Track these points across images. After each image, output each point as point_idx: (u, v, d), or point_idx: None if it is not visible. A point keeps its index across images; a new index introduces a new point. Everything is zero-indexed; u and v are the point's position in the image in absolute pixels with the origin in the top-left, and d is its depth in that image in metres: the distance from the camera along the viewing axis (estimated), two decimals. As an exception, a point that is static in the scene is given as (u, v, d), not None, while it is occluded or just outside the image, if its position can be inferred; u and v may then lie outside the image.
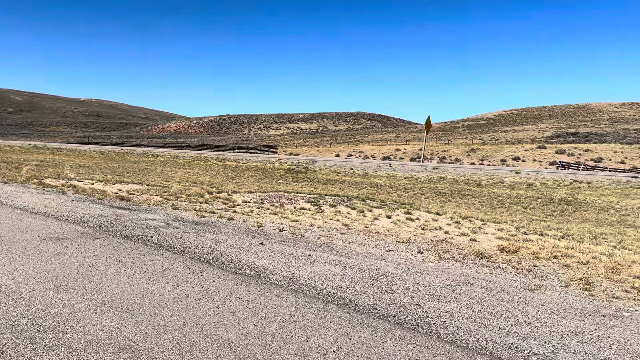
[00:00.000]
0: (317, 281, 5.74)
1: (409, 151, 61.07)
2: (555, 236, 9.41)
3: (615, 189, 20.90)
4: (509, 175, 25.11)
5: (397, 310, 4.87)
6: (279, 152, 66.04)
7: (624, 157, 48.98)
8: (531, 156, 52.15)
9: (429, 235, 8.86)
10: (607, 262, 7.18)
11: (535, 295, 5.51)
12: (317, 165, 30.56)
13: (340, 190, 16.48)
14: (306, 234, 8.50)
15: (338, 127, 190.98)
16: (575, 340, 4.22)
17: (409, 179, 24.41)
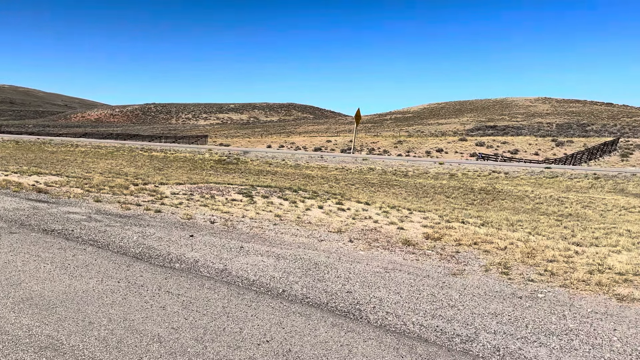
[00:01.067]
0: (250, 272, 5.72)
1: (340, 143, 61.95)
2: (475, 224, 9.94)
3: (530, 178, 22.36)
4: (433, 166, 26.15)
5: (330, 298, 4.96)
6: (208, 143, 64.68)
7: (537, 148, 52.44)
8: (453, 148, 54.57)
9: (360, 224, 9.06)
10: (523, 247, 7.69)
11: (458, 279, 5.81)
12: (248, 156, 30.27)
13: (272, 181, 16.44)
14: (238, 226, 8.43)
15: (269, 118, 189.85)
16: (495, 322, 4.50)
17: (340, 170, 24.79)
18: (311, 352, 3.72)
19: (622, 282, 6.04)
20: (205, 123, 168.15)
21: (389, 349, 3.82)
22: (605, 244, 8.75)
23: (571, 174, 23.20)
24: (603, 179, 21.52)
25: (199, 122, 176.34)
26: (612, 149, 49.17)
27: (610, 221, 13.39)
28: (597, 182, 20.94)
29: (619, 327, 4.43)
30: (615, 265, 6.90)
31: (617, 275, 6.40)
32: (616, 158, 46.42)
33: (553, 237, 8.93)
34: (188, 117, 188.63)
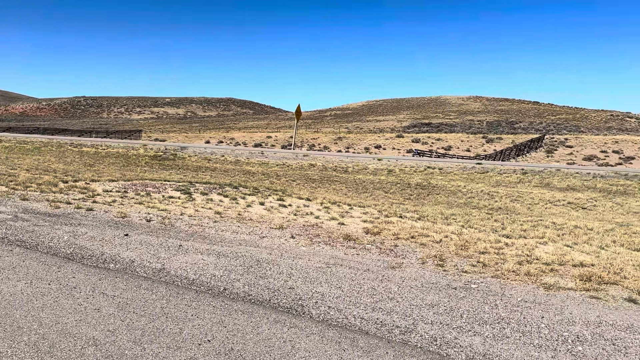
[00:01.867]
0: (190, 271, 5.60)
1: (280, 139, 61.76)
2: (412, 218, 10.24)
3: (463, 174, 23.28)
4: (372, 163, 26.64)
5: (272, 295, 4.95)
6: (143, 138, 62.50)
7: (469, 145, 54.67)
8: (391, 144, 55.87)
9: (301, 220, 9.09)
10: (457, 240, 8.01)
11: (397, 272, 5.97)
12: (186, 151, 29.56)
13: (211, 178, 16.15)
14: (176, 224, 8.22)
15: (208, 113, 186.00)
16: (432, 312, 4.66)
17: (280, 166, 24.73)
18: (254, 349, 3.71)
19: (548, 272, 6.43)
20: (139, 117, 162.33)
21: (331, 343, 3.87)
22: (533, 235, 9.27)
23: (500, 169, 24.37)
24: (530, 174, 22.76)
25: (133, 116, 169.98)
26: (538, 145, 52.10)
27: (537, 214, 14.20)
28: (524, 177, 22.12)
29: (546, 315, 4.72)
30: (542, 256, 7.33)
31: (544, 265, 6.81)
32: (542, 154, 49.20)
33: (484, 230, 9.35)
34: (121, 111, 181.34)
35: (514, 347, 3.93)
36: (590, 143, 51.37)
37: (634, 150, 47.52)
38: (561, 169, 24.81)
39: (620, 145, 49.36)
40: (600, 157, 45.98)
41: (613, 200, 17.08)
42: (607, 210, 15.39)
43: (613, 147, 48.72)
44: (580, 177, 21.62)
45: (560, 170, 23.94)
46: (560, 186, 19.78)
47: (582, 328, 4.37)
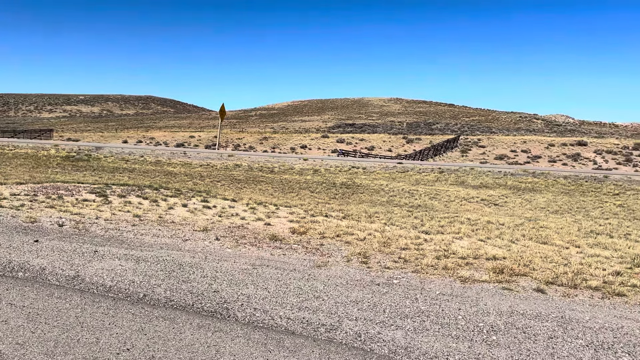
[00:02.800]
0: (107, 278, 5.33)
1: (204, 138, 60.40)
2: (338, 217, 10.39)
3: (385, 173, 23.97)
4: (298, 163, 26.75)
5: (195, 299, 4.83)
6: (54, 138, 58.69)
7: (391, 145, 56.42)
8: (316, 144, 56.43)
9: (226, 222, 8.94)
10: (380, 237, 8.23)
11: (323, 271, 6.03)
12: (102, 152, 28.12)
13: (130, 179, 15.47)
14: (91, 228, 7.80)
15: (125, 112, 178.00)
16: (356, 309, 4.75)
17: (204, 167, 24.18)
18: (176, 356, 3.59)
19: (464, 265, 6.77)
20: (50, 116, 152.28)
21: (257, 345, 3.84)
22: (450, 231, 9.73)
23: (420, 168, 25.35)
24: (446, 173, 23.86)
25: (43, 114, 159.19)
26: (454, 145, 54.76)
27: (454, 211, 14.91)
28: (441, 175, 23.15)
29: (463, 307, 4.96)
30: (458, 251, 7.71)
31: (460, 259, 7.16)
32: (457, 154, 51.75)
33: (406, 227, 9.69)
34: (29, 109, 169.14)
35: (434, 339, 4.10)
36: (501, 143, 54.72)
37: (541, 149, 51.21)
38: (475, 168, 26.22)
39: (528, 145, 52.99)
40: (511, 156, 49.11)
41: (522, 197, 18.30)
42: (516, 206, 16.46)
43: (522, 146, 52.21)
44: (492, 175, 22.97)
45: (473, 169, 25.29)
46: (474, 184, 20.89)
47: (496, 318, 4.64)
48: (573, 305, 5.12)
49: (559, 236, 9.85)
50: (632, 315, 4.90)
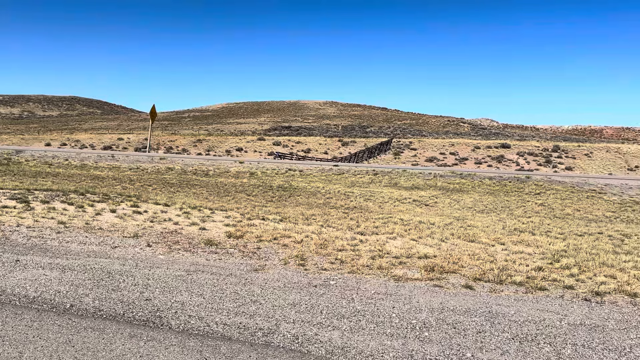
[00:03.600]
0: (30, 289, 5.02)
1: (134, 141, 58.24)
2: (275, 220, 10.36)
3: (321, 175, 24.18)
4: (234, 165, 26.41)
5: (126, 309, 4.65)
6: (-32, 140, 54.44)
7: (327, 148, 56.98)
8: (252, 147, 55.97)
9: (159, 227, 8.68)
10: (317, 239, 8.29)
11: (260, 274, 5.99)
12: (22, 155, 26.43)
13: (54, 184, 14.64)
14: (12, 236, 7.31)
15: (48, 113, 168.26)
16: (294, 311, 4.76)
17: (134, 170, 23.31)
18: (107, 368, 3.44)
19: (398, 265, 6.96)
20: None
21: (192, 353, 3.75)
22: (384, 232, 9.96)
23: (355, 170, 25.78)
24: (380, 175, 24.42)
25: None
26: (387, 148, 56.16)
27: (388, 212, 15.28)
28: (376, 177, 23.66)
29: (397, 305, 5.09)
30: (392, 250, 7.92)
31: (394, 258, 7.35)
32: (390, 156, 53.11)
33: (342, 228, 9.82)
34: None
35: (369, 337, 4.18)
36: (431, 146, 56.74)
37: (468, 151, 53.56)
38: (407, 170, 27.01)
39: (456, 147, 55.26)
40: (440, 158, 51.02)
41: (451, 197, 19.06)
42: (446, 206, 17.12)
43: (450, 149, 54.38)
44: (423, 177, 23.76)
45: (406, 171, 26.05)
46: (406, 185, 21.52)
47: (428, 315, 4.81)
48: (499, 300, 5.40)
49: (485, 234, 10.34)
50: (553, 308, 5.23)
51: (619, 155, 47.97)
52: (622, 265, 7.43)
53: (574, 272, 6.83)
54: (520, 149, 52.53)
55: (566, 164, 46.64)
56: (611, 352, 4.06)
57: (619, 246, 9.46)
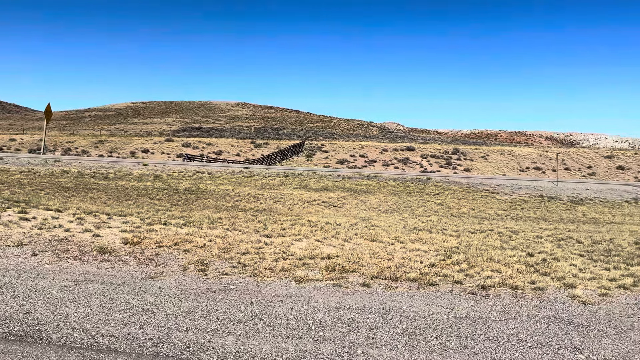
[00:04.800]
0: None
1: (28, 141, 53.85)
2: (178, 224, 10.04)
3: (231, 178, 23.82)
4: (137, 168, 25.27)
5: (2, 323, 4.27)
6: None
7: (239, 150, 56.29)
8: (160, 149, 53.92)
9: (47, 235, 8.07)
10: (221, 243, 8.14)
11: (156, 282, 5.77)
12: None
13: None
14: None
15: None
16: (188, 319, 4.62)
17: (25, 174, 21.53)
18: (-30, 392, 3.13)
19: (300, 266, 7.01)
20: None
21: (73, 369, 3.52)
22: (290, 233, 10.01)
23: (265, 172, 25.69)
24: (291, 177, 24.53)
25: None
26: (300, 150, 56.60)
27: (296, 213, 15.38)
28: (286, 179, 23.73)
29: (296, 306, 5.12)
30: (296, 252, 7.96)
31: (297, 260, 7.40)
32: (303, 158, 53.57)
33: (248, 232, 9.73)
34: None
35: (264, 341, 4.16)
36: (342, 148, 58.01)
37: (376, 154, 55.38)
38: (317, 172, 27.39)
39: (365, 150, 56.95)
40: (350, 160, 52.32)
41: (358, 198, 19.59)
42: (353, 207, 17.56)
43: (360, 151, 55.93)
44: (332, 179, 24.21)
45: (316, 173, 26.41)
46: (316, 187, 21.80)
47: (324, 314, 4.88)
48: (393, 297, 5.61)
49: (387, 233, 10.73)
50: (442, 302, 5.52)
51: (511, 158, 51.96)
52: (508, 260, 8.03)
53: (464, 268, 7.28)
54: (424, 151, 55.23)
55: (465, 165, 49.72)
56: (491, 342, 4.36)
57: (507, 242, 10.22)
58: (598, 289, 6.27)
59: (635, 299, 5.86)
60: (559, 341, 4.41)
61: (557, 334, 4.58)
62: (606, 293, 6.07)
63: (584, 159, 49.40)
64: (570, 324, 4.89)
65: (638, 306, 5.58)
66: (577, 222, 15.72)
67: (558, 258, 8.28)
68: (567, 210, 18.56)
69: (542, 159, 48.92)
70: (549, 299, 5.76)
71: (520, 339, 4.43)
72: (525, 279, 6.63)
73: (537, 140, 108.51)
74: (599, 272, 7.28)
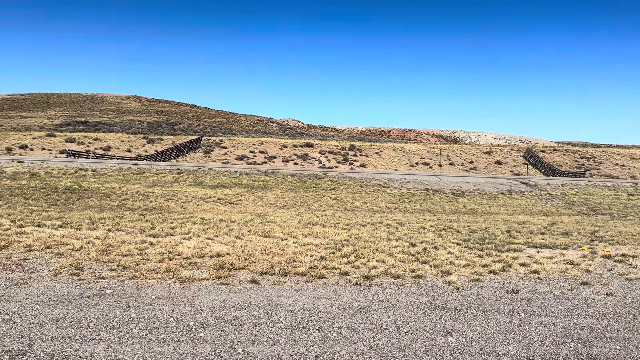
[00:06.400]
0: None
1: None
2: (53, 226, 9.27)
3: (118, 175, 22.50)
4: (11, 165, 22.98)
5: None
6: None
7: (130, 145, 53.37)
8: (40, 144, 49.56)
9: None
10: (100, 245, 7.62)
11: (22, 289, 5.25)
12: None
13: None
14: None
15: None
16: (55, 327, 4.25)
17: None
18: None
19: (187, 266, 6.77)
20: None
21: None
22: (180, 232, 9.64)
23: (157, 169, 24.61)
24: (185, 174, 23.73)
25: None
26: (197, 146, 55.00)
27: (189, 211, 14.89)
28: (180, 176, 22.91)
29: (177, 308, 4.92)
30: (184, 251, 7.68)
31: (184, 260, 7.13)
32: (201, 154, 52.14)
33: (133, 232, 9.22)
34: None
35: (139, 346, 3.94)
36: (241, 144, 57.32)
37: (276, 150, 55.42)
38: (213, 168, 26.79)
39: (265, 146, 56.76)
40: (250, 156, 51.85)
41: (255, 194, 19.45)
42: (249, 204, 17.39)
43: (259, 147, 55.64)
44: (229, 175, 23.81)
45: (212, 169, 25.82)
46: (211, 184, 21.32)
47: (207, 315, 4.74)
48: (281, 292, 5.60)
49: (281, 229, 10.75)
50: (328, 294, 5.62)
51: (402, 154, 54.66)
52: (392, 250, 8.39)
53: (352, 260, 7.48)
54: (323, 147, 56.30)
55: (361, 161, 51.46)
56: (370, 330, 4.50)
57: (393, 233, 10.69)
58: (471, 275, 6.75)
59: (503, 283, 6.39)
60: (433, 326, 4.67)
61: (431, 319, 4.85)
62: (478, 279, 6.55)
63: (466, 154, 53.29)
64: (444, 309, 5.20)
65: (505, 289, 6.08)
66: (458, 213, 16.89)
67: (438, 247, 8.81)
68: (449, 202, 19.88)
69: (430, 155, 52.02)
70: (426, 286, 6.09)
71: (398, 326, 4.62)
72: (406, 267, 6.96)
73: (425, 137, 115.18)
74: (473, 259, 7.85)
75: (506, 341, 4.33)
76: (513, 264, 7.46)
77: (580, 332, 4.59)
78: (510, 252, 8.42)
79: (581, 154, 56.13)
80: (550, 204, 20.63)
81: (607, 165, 52.98)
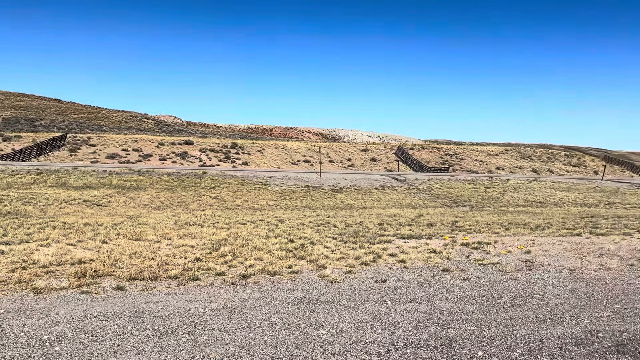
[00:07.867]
0: None
1: None
2: None
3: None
4: None
5: None
6: None
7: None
8: None
9: None
10: None
11: None
12: None
13: None
14: None
15: None
16: None
17: None
18: None
19: (43, 275, 6.15)
20: None
21: None
22: (37, 238, 8.76)
23: (13, 170, 22.18)
24: (46, 174, 21.67)
25: None
26: (62, 144, 50.48)
27: (50, 215, 13.60)
28: (40, 177, 20.87)
29: (30, 321, 4.45)
30: (41, 259, 6.97)
31: (40, 268, 6.48)
32: (66, 153, 47.95)
33: (-21, 240, 8.18)
34: None
35: (-23, 369, 3.49)
36: (113, 142, 53.72)
37: (152, 148, 52.79)
38: (78, 168, 24.80)
39: (139, 144, 53.78)
40: (123, 155, 48.79)
41: (127, 195, 18.34)
42: (120, 205, 16.35)
43: (133, 145, 52.58)
44: (97, 175, 22.20)
45: (77, 169, 23.89)
46: (77, 185, 19.72)
47: (65, 327, 4.34)
48: (150, 297, 5.32)
49: (154, 231, 10.24)
50: (201, 296, 5.45)
51: (285, 151, 55.17)
52: (271, 247, 8.39)
53: (229, 259, 7.35)
54: (203, 145, 54.84)
55: (243, 159, 51.01)
56: (243, 330, 4.44)
57: (272, 230, 10.72)
58: (345, 267, 6.98)
59: (373, 274, 6.70)
60: (306, 320, 4.74)
61: (305, 314, 4.92)
62: (351, 270, 6.80)
63: (345, 152, 55.29)
64: (317, 302, 5.31)
65: (375, 279, 6.38)
66: (335, 209, 17.46)
67: (315, 242, 9.00)
68: (328, 198, 20.47)
69: (311, 153, 53.13)
70: (302, 281, 6.18)
71: (272, 323, 4.62)
72: (283, 264, 7.00)
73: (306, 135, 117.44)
74: (347, 251, 8.14)
75: (373, 329, 4.53)
76: (383, 255, 7.86)
77: (440, 316, 4.95)
78: (381, 244, 8.87)
79: (445, 151, 61.09)
80: (418, 197, 22.16)
81: (467, 161, 58.30)
